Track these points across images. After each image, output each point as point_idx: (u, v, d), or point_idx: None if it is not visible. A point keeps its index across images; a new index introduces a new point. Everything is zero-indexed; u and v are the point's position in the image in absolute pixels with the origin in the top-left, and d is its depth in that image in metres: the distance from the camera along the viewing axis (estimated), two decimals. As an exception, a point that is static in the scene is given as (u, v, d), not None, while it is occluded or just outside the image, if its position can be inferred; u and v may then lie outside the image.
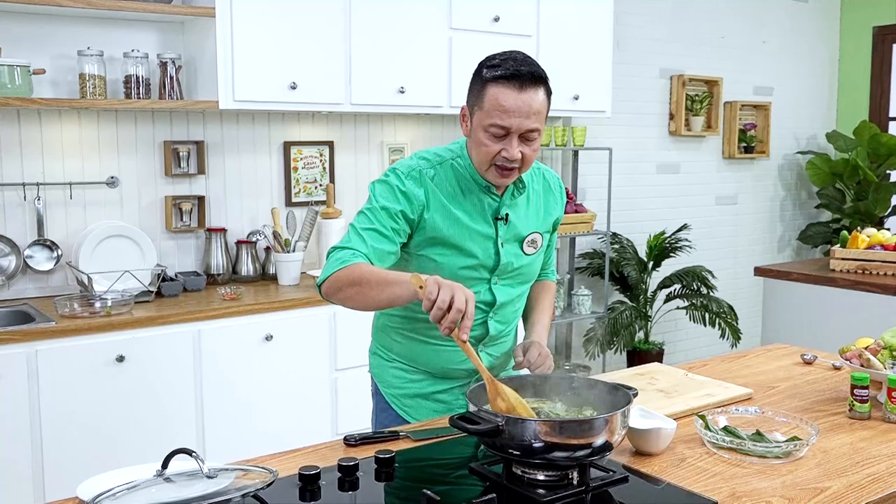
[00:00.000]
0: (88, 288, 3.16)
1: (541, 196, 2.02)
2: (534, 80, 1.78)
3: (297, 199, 3.89)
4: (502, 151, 1.79)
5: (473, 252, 1.90)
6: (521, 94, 1.76)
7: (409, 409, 2.03)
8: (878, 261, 3.89)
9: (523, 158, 1.81)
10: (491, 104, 1.77)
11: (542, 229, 2.01)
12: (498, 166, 1.82)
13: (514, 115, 1.76)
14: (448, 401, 2.02)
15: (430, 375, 2.01)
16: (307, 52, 3.46)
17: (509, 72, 1.77)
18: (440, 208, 1.87)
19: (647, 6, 5.14)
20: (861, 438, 1.77)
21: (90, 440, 2.91)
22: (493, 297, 1.94)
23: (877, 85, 6.16)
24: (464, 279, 1.85)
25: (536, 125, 1.79)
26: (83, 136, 3.38)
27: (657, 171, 5.35)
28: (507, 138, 1.79)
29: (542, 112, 1.81)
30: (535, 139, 1.82)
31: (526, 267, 1.99)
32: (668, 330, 5.33)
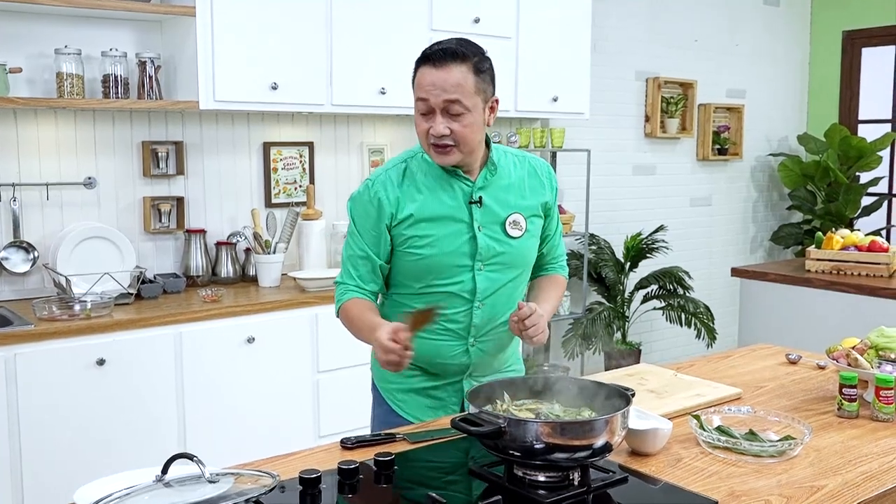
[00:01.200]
0: (67, 290, 3.11)
1: (524, 180, 2.03)
2: (450, 56, 1.85)
3: (276, 200, 3.87)
4: (430, 129, 1.87)
5: (450, 239, 1.92)
6: (438, 70, 1.84)
7: (402, 404, 2.06)
8: (853, 261, 3.95)
9: (456, 135, 1.86)
10: (416, 84, 1.89)
11: (527, 212, 2.00)
12: (433, 145, 1.89)
13: (430, 89, 1.84)
14: (442, 397, 2.03)
15: (423, 371, 2.02)
16: (288, 52, 3.44)
17: (428, 52, 1.88)
18: (413, 203, 1.93)
19: (623, 9, 5.18)
20: (851, 437, 1.80)
21: (70, 445, 2.87)
22: (475, 284, 1.94)
23: (846, 88, 6.26)
24: (447, 268, 1.93)
25: (456, 97, 1.83)
26: (60, 135, 3.33)
27: (633, 173, 5.39)
28: (432, 115, 1.86)
29: (464, 86, 1.84)
30: (462, 114, 1.85)
31: (512, 252, 1.97)
32: (644, 330, 5.37)
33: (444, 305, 1.90)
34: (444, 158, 1.90)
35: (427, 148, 1.92)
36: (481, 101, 1.88)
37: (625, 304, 4.98)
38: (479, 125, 1.89)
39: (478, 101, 1.87)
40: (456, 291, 1.94)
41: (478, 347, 1.99)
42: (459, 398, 2.03)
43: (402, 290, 2.00)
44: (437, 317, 1.86)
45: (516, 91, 4.18)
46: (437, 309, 1.84)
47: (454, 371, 2.01)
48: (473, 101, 1.86)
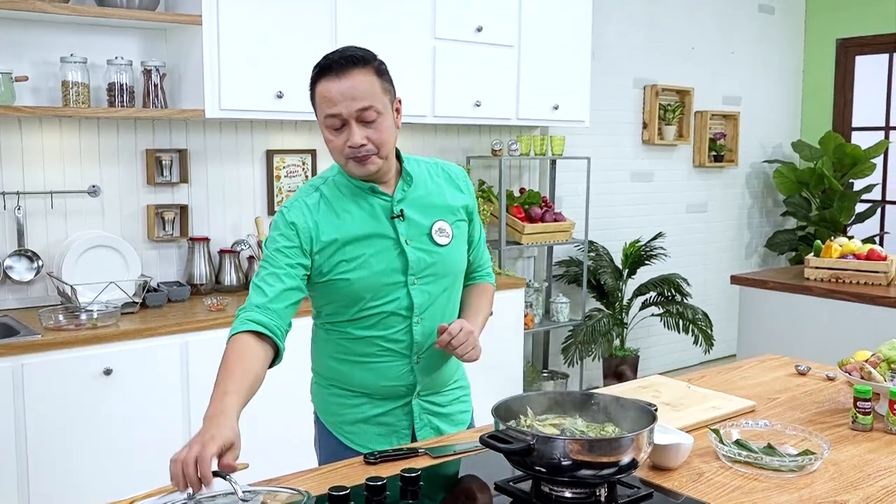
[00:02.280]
0: (72, 299, 3.10)
1: (441, 186, 1.97)
2: (350, 62, 1.77)
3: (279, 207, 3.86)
4: (347, 142, 1.78)
5: (379, 257, 1.85)
6: (341, 79, 1.76)
7: (351, 436, 1.95)
8: (851, 269, 3.98)
9: (374, 142, 1.79)
10: (319, 100, 1.80)
11: (451, 218, 1.95)
12: (352, 158, 1.80)
13: (339, 101, 1.76)
14: (391, 423, 1.94)
15: (368, 397, 1.93)
16: (293, 60, 3.44)
17: (324, 64, 1.79)
18: (333, 227, 1.84)
19: (621, 17, 5.21)
20: (868, 450, 1.82)
21: (78, 455, 2.86)
22: (411, 299, 1.87)
23: (840, 96, 6.32)
24: (378, 287, 1.85)
25: (367, 103, 1.76)
26: (64, 144, 3.32)
27: (631, 180, 5.42)
28: (346, 127, 1.78)
29: (372, 90, 1.78)
30: (376, 119, 1.78)
31: (442, 260, 1.91)
32: (641, 336, 5.39)
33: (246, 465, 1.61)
34: (364, 168, 1.81)
35: (344, 163, 1.83)
36: (389, 102, 1.83)
37: (623, 310, 5.00)
38: (392, 128, 1.83)
39: (387, 103, 1.82)
40: (393, 310, 1.87)
41: (422, 364, 1.91)
42: (409, 421, 1.95)
43: (336, 317, 1.90)
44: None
45: (518, 99, 4.20)
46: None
47: (401, 393, 1.93)
48: (383, 102, 1.80)
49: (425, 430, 1.96)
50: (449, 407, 2.00)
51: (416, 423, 1.95)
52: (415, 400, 1.95)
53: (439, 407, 1.99)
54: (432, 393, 1.97)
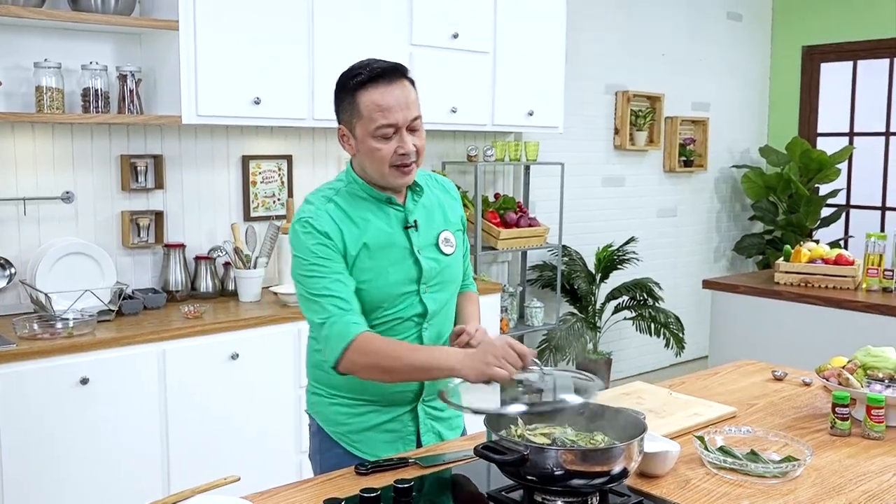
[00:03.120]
0: (47, 308, 3.06)
1: (440, 197, 2.03)
2: (398, 73, 1.84)
3: (255, 213, 3.85)
4: (397, 149, 1.82)
5: (395, 267, 1.89)
6: (394, 88, 1.81)
7: (358, 445, 1.96)
8: (820, 274, 4.06)
9: (418, 150, 1.86)
10: (370, 109, 1.81)
11: (452, 228, 2.02)
12: (396, 166, 1.84)
13: (396, 109, 1.80)
14: (397, 429, 1.96)
15: (375, 405, 1.95)
16: (270, 67, 3.43)
17: (374, 73, 1.82)
18: (354, 237, 1.86)
19: (593, 24, 5.26)
20: (847, 455, 1.86)
21: (55, 465, 2.82)
22: (425, 307, 1.92)
23: (806, 102, 6.43)
24: (394, 296, 1.89)
25: (417, 113, 1.85)
26: (37, 149, 3.28)
27: (603, 185, 5.48)
28: (397, 135, 1.82)
29: (417, 101, 1.86)
30: (420, 129, 1.86)
31: (448, 269, 1.97)
32: (613, 339, 5.44)
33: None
34: (405, 178, 1.87)
35: (387, 171, 1.85)
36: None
37: (596, 314, 5.05)
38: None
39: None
40: (406, 316, 1.91)
41: None
42: (415, 427, 1.97)
43: None
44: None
45: (493, 105, 4.22)
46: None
47: (408, 399, 1.95)
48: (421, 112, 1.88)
49: (429, 436, 1.99)
50: (448, 411, 2.02)
51: (422, 429, 1.98)
52: (420, 405, 1.98)
53: (439, 412, 2.01)
54: (434, 398, 1.99)
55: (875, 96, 6.15)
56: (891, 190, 6.13)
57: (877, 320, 3.67)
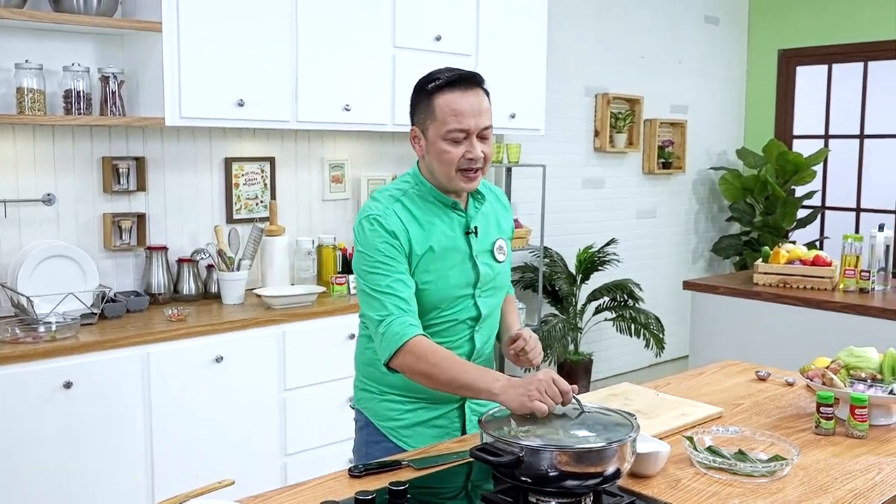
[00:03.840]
0: (29, 311, 3.03)
1: (495, 206, 2.13)
2: (476, 81, 1.92)
3: (238, 215, 3.84)
4: (466, 153, 1.88)
5: (455, 270, 1.97)
6: (469, 95, 1.88)
7: (407, 439, 2.04)
8: (798, 275, 4.11)
9: (486, 158, 1.93)
10: (444, 112, 1.87)
11: (505, 236, 2.12)
12: (463, 170, 1.90)
13: (469, 115, 1.87)
14: (444, 425, 2.04)
15: (424, 402, 2.02)
16: (254, 69, 3.42)
17: (453, 78, 1.89)
18: (417, 236, 1.94)
19: (573, 27, 5.29)
20: (832, 454, 1.89)
21: (36, 470, 2.80)
22: (479, 310, 2.01)
23: (782, 105, 6.51)
24: (452, 298, 1.97)
25: (489, 122, 1.92)
26: (18, 151, 3.24)
27: (583, 186, 5.51)
28: (467, 140, 1.88)
29: (489, 111, 1.93)
30: (489, 137, 1.93)
31: (500, 276, 2.07)
32: (593, 340, 5.48)
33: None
34: (471, 183, 1.94)
35: (454, 175, 1.91)
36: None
37: (577, 315, 5.08)
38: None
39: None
40: (461, 318, 2.00)
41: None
42: (461, 423, 2.06)
43: None
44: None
45: (476, 108, 4.23)
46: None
47: (456, 398, 2.03)
48: (492, 122, 1.96)
49: (475, 429, 2.02)
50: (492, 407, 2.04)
51: (467, 425, 2.05)
52: (467, 403, 2.05)
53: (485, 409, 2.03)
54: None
55: (850, 99, 6.24)
56: (865, 191, 6.22)
57: (854, 320, 3.72)
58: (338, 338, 3.52)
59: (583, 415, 1.65)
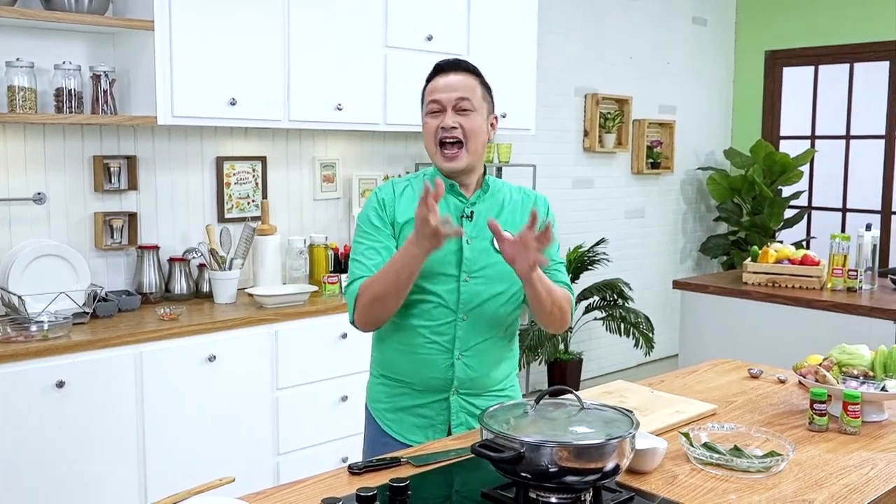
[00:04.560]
0: (20, 310, 3.01)
1: (518, 204, 2.12)
2: (457, 67, 2.05)
3: (229, 215, 3.83)
4: (440, 123, 1.99)
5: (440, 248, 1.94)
6: (446, 76, 2.03)
7: (391, 423, 2.11)
8: (787, 274, 4.15)
9: (464, 130, 1.99)
10: (428, 92, 2.06)
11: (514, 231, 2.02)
12: (441, 146, 2.00)
13: (443, 90, 2.01)
14: (429, 416, 2.07)
15: (410, 387, 2.07)
16: (246, 68, 3.42)
17: (440, 64, 2.08)
18: (405, 208, 2.04)
19: (563, 27, 5.31)
20: (826, 450, 1.91)
21: (29, 469, 2.78)
22: (458, 295, 2.01)
23: (769, 105, 6.56)
24: (434, 274, 2.00)
25: (466, 96, 2.00)
26: (8, 150, 3.23)
27: (573, 186, 5.53)
28: (442, 113, 2.00)
29: (473, 90, 2.02)
30: (470, 112, 2.00)
31: (499, 266, 2.00)
32: (583, 340, 5.50)
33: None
34: (453, 163, 2.00)
35: (435, 150, 2.01)
36: (486, 109, 2.06)
37: (567, 315, 5.09)
38: (483, 130, 2.04)
39: (483, 107, 2.04)
40: (441, 302, 2.01)
41: (463, 362, 2.03)
42: (446, 416, 2.06)
43: None
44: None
45: (467, 107, 4.24)
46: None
47: (440, 386, 2.05)
48: (480, 104, 2.03)
49: (461, 428, 2.05)
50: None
51: (453, 420, 2.05)
52: (453, 396, 2.05)
53: (476, 407, 2.06)
54: (474, 394, 2.06)
55: (836, 100, 6.30)
56: (851, 192, 6.28)
57: (843, 319, 3.76)
58: (330, 337, 3.52)
59: (582, 411, 1.66)
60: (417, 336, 2.03)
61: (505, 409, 1.69)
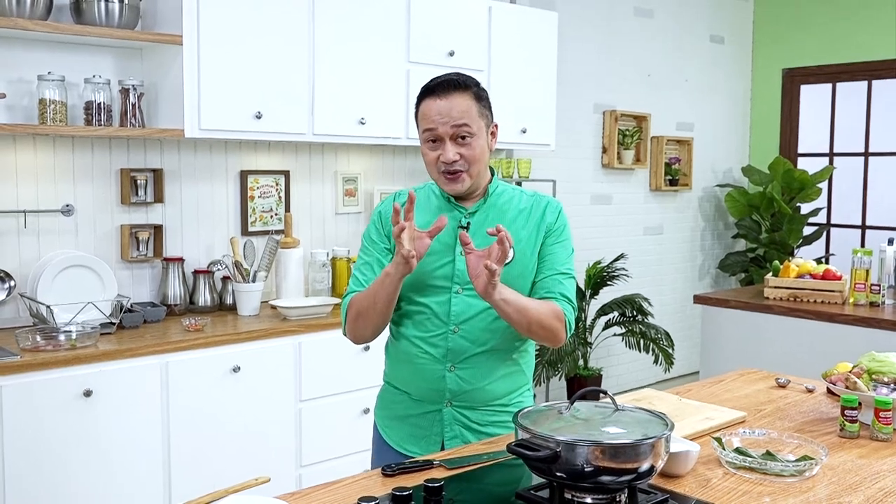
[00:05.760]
0: (48, 320, 3.05)
1: (526, 212, 2.05)
2: (451, 86, 1.95)
3: (253, 228, 3.86)
4: (440, 157, 1.95)
5: (430, 259, 1.97)
6: (441, 100, 1.94)
7: (388, 430, 2.12)
8: (809, 289, 4.14)
9: (466, 159, 1.95)
10: (421, 117, 1.99)
11: (518, 244, 2.01)
12: (443, 173, 1.97)
13: (438, 119, 1.93)
14: (423, 426, 2.05)
15: (408, 397, 2.07)
16: (272, 82, 3.46)
17: (431, 84, 1.98)
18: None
19: (581, 44, 5.35)
20: (859, 456, 1.91)
21: (56, 476, 2.80)
22: (450, 307, 1.99)
23: (786, 123, 6.57)
24: (426, 286, 2.00)
25: (463, 121, 1.93)
26: (38, 162, 3.28)
27: (591, 202, 5.54)
28: (441, 143, 1.95)
29: (469, 112, 1.94)
30: (469, 139, 1.94)
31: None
32: (602, 356, 5.49)
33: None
34: (454, 186, 1.98)
35: (437, 177, 2.00)
36: (484, 125, 1.99)
37: (587, 330, 5.09)
38: (484, 150, 1.99)
39: (482, 126, 1.98)
40: (433, 313, 2.00)
41: (456, 374, 2.00)
42: (440, 429, 2.03)
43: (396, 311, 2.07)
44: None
45: (488, 122, 4.27)
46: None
47: (433, 397, 2.02)
48: (478, 125, 1.96)
49: (455, 441, 2.01)
50: (488, 428, 2.04)
51: (447, 433, 2.02)
52: (446, 408, 2.02)
53: (473, 423, 2.03)
54: (468, 407, 2.02)
55: (854, 117, 6.29)
56: (870, 209, 6.26)
57: (867, 333, 3.74)
58: (353, 349, 3.52)
59: (616, 412, 1.66)
60: (413, 346, 2.02)
61: (539, 410, 1.70)
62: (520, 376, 2.11)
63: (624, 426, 1.61)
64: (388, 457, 2.02)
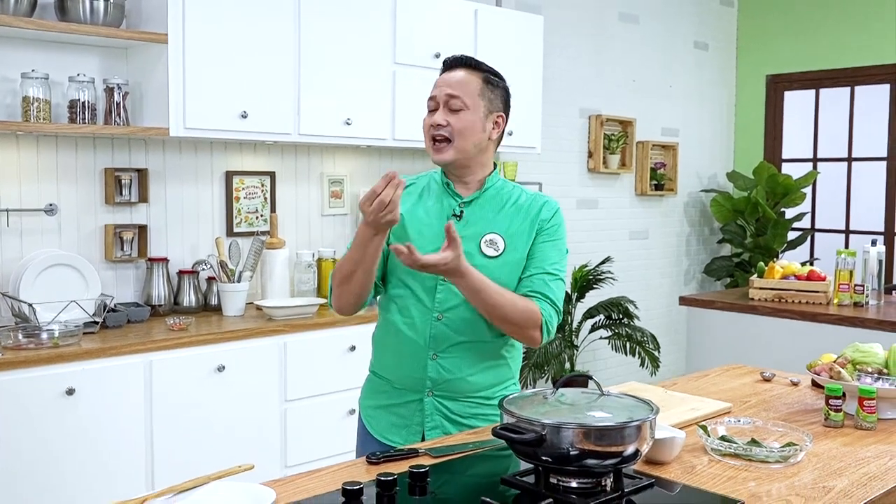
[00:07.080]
0: (31, 319, 3.02)
1: (522, 209, 2.07)
2: (462, 62, 2.05)
3: (238, 228, 3.85)
4: (431, 121, 2.01)
5: (419, 242, 1.94)
6: (448, 72, 2.05)
7: (370, 420, 2.12)
8: (793, 290, 4.16)
9: (452, 128, 1.98)
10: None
11: (509, 237, 2.02)
12: (431, 138, 2.01)
13: (438, 86, 2.03)
14: (404, 415, 2.05)
15: (391, 385, 2.07)
16: (258, 82, 3.45)
17: (444, 61, 2.10)
18: (406, 204, 2.03)
19: (567, 49, 5.37)
20: (843, 444, 1.91)
21: (39, 475, 2.77)
22: (435, 294, 1.99)
23: (770, 128, 6.61)
24: (413, 273, 1.98)
25: (456, 92, 1.98)
26: (21, 160, 3.25)
27: (577, 207, 5.56)
28: (436, 111, 2.01)
29: (467, 86, 2.00)
30: (461, 110, 1.98)
31: (483, 268, 1.94)
32: (588, 360, 5.49)
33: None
34: (439, 156, 2.01)
35: (427, 145, 2.04)
36: (483, 106, 2.00)
37: (573, 333, 5.09)
38: (476, 127, 1.99)
39: (479, 104, 1.99)
40: (417, 299, 2.01)
41: (438, 363, 2.00)
42: (421, 418, 2.02)
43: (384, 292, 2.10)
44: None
45: (474, 124, 4.28)
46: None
47: (415, 385, 2.02)
48: (474, 101, 1.99)
49: (436, 431, 2.01)
50: (470, 420, 2.03)
51: (427, 423, 2.02)
52: (427, 398, 2.02)
53: (454, 414, 2.03)
54: (449, 397, 2.02)
55: (837, 123, 6.34)
56: (853, 213, 6.30)
57: (852, 332, 3.75)
58: (338, 350, 3.52)
59: (602, 398, 1.66)
60: (398, 331, 2.03)
61: (524, 396, 1.70)
62: (504, 370, 2.10)
63: (609, 410, 1.61)
64: (371, 447, 2.01)
